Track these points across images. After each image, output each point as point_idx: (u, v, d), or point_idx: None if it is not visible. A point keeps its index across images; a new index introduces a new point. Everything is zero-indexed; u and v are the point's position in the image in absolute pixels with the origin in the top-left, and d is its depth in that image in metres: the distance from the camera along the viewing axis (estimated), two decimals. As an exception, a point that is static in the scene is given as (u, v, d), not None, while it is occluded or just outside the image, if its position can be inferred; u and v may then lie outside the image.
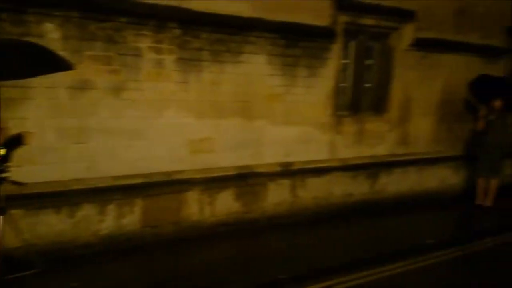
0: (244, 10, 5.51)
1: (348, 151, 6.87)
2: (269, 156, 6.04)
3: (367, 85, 7.25)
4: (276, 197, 6.16)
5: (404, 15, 6.95)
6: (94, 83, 4.66)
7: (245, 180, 5.79)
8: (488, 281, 5.06)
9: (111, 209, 4.87)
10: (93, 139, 4.70)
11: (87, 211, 4.73)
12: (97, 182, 4.72)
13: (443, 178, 7.94)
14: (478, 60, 8.04)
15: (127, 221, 5.00)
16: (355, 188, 6.92)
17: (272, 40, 5.84)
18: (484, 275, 5.25)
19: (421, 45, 7.20)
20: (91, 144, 4.70)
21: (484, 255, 5.95)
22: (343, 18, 6.40)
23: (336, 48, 6.45)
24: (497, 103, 7.18)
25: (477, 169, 7.52)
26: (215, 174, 5.51)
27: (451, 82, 7.78)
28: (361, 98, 7.17)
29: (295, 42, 6.04)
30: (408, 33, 7.08)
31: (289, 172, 6.21)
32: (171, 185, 5.25)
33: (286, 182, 6.22)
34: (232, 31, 5.52)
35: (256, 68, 5.79)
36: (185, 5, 5.11)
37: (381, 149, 7.23)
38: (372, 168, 7.08)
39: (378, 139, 7.19)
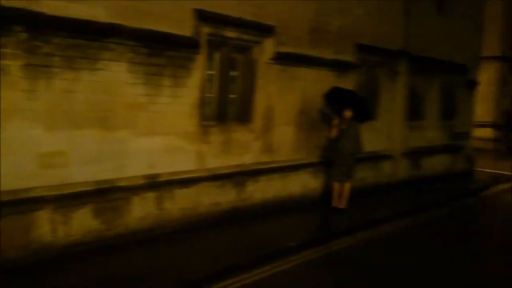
0: (101, 15, 5.25)
1: (216, 161, 6.93)
2: (133, 168, 5.80)
3: (232, 95, 7.43)
4: (141, 211, 5.92)
5: (265, 30, 7.29)
6: None
7: (105, 195, 5.46)
8: (345, 279, 5.52)
9: None
10: None
11: None
12: None
13: (304, 183, 8.47)
14: (332, 73, 8.79)
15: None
16: (223, 197, 6.99)
17: (133, 48, 5.64)
18: (342, 273, 5.71)
19: (280, 59, 7.62)
20: None
21: (342, 254, 6.48)
22: (206, 29, 6.47)
23: (200, 59, 6.49)
24: (348, 113, 7.93)
25: (332, 174, 8.19)
26: (70, 191, 5.09)
27: (308, 94, 8.37)
28: (227, 108, 7.31)
29: (159, 51, 5.93)
30: (269, 47, 7.44)
31: (155, 184, 6.04)
32: (18, 204, 4.70)
33: (151, 195, 6.02)
34: (89, 36, 5.20)
35: (116, 76, 5.52)
36: (34, 7, 4.68)
37: (248, 158, 7.45)
38: (239, 176, 7.25)
39: (245, 148, 7.40)
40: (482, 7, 13.59)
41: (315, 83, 8.44)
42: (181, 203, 6.37)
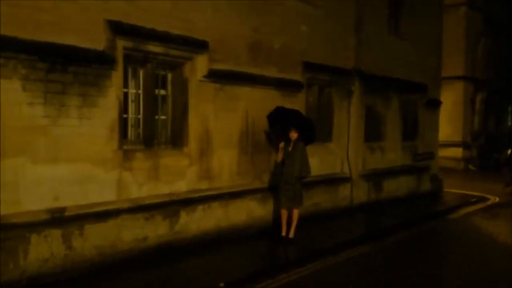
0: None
1: (142, 190, 6.17)
2: (31, 202, 5.00)
3: (163, 117, 6.77)
4: (43, 251, 5.08)
5: (196, 45, 6.70)
6: None
7: (-10, 234, 4.64)
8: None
9: None
10: None
11: None
12: None
13: (250, 211, 7.74)
14: (278, 93, 8.22)
15: None
16: (151, 231, 6.20)
17: (29, 63, 4.94)
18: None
19: (216, 76, 7.02)
20: None
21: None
22: (123, 43, 5.83)
23: (117, 76, 5.81)
24: (293, 134, 7.31)
25: (280, 200, 7.49)
26: None
27: (252, 114, 7.75)
28: (156, 131, 6.64)
29: (62, 66, 5.24)
30: (202, 64, 6.83)
31: (61, 219, 5.23)
32: None
33: (56, 232, 5.20)
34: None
35: (7, 95, 4.79)
36: None
37: (181, 185, 6.71)
38: (171, 206, 6.48)
39: (178, 175, 6.67)
40: (439, 26, 13.39)
41: (259, 103, 7.84)
42: (95, 240, 5.55)
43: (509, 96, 24.34)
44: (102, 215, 5.63)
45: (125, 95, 6.25)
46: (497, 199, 12.73)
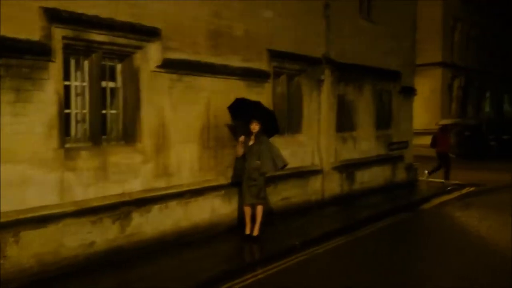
0: None
1: (88, 191, 5.70)
2: (-46, 209, 4.51)
3: (112, 111, 6.28)
4: (-30, 263, 4.62)
5: (147, 33, 6.20)
6: None
7: None
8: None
9: None
10: None
11: None
12: None
13: (214, 209, 7.33)
14: (242, 83, 7.78)
15: None
16: (99, 235, 5.73)
17: None
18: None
19: (172, 66, 6.54)
20: None
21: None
22: (62, 32, 5.31)
23: (56, 68, 5.30)
24: (254, 127, 6.89)
25: (243, 197, 7.10)
26: None
27: (215, 106, 7.31)
28: (105, 127, 6.16)
29: (-10, 58, 4.71)
30: (154, 53, 6.34)
31: (-8, 226, 4.75)
32: None
33: (-14, 240, 4.74)
34: None
35: None
36: None
37: (135, 185, 6.25)
38: (123, 208, 6.02)
39: (130, 173, 6.21)
40: (413, 9, 13.03)
41: (223, 95, 7.38)
42: (33, 248, 5.08)
43: (488, 82, 24.27)
44: (42, 220, 5.16)
45: (68, 88, 5.75)
46: (472, 187, 12.58)
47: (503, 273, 5.96)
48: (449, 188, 12.26)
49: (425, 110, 19.12)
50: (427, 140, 19.83)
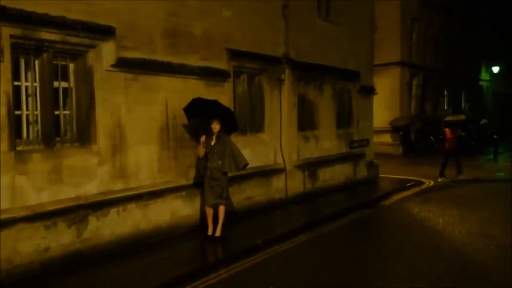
0: None
1: (42, 195, 5.51)
2: None
3: (66, 112, 6.09)
4: None
5: (101, 31, 6.06)
6: None
7: None
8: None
9: None
10: None
11: None
12: None
13: (174, 210, 7.23)
14: (202, 83, 7.72)
15: None
16: (53, 241, 5.55)
17: None
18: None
19: (126, 65, 6.41)
20: None
21: None
22: (9, 31, 5.11)
23: (4, 68, 5.09)
24: (215, 126, 6.85)
25: (205, 197, 7.03)
26: None
27: (173, 107, 7.21)
28: (58, 128, 5.96)
29: None
30: (109, 52, 6.19)
31: None
32: None
33: None
34: None
35: None
36: None
37: (91, 187, 6.09)
38: (78, 211, 5.85)
39: (86, 176, 6.04)
40: (371, 9, 13.32)
41: (181, 94, 7.30)
42: (-18, 256, 4.87)
43: (446, 80, 25.11)
44: (-9, 227, 4.95)
45: (19, 89, 5.54)
46: (432, 182, 12.96)
47: (457, 267, 6.12)
48: (409, 184, 12.57)
49: (385, 108, 19.57)
50: (387, 138, 20.45)
